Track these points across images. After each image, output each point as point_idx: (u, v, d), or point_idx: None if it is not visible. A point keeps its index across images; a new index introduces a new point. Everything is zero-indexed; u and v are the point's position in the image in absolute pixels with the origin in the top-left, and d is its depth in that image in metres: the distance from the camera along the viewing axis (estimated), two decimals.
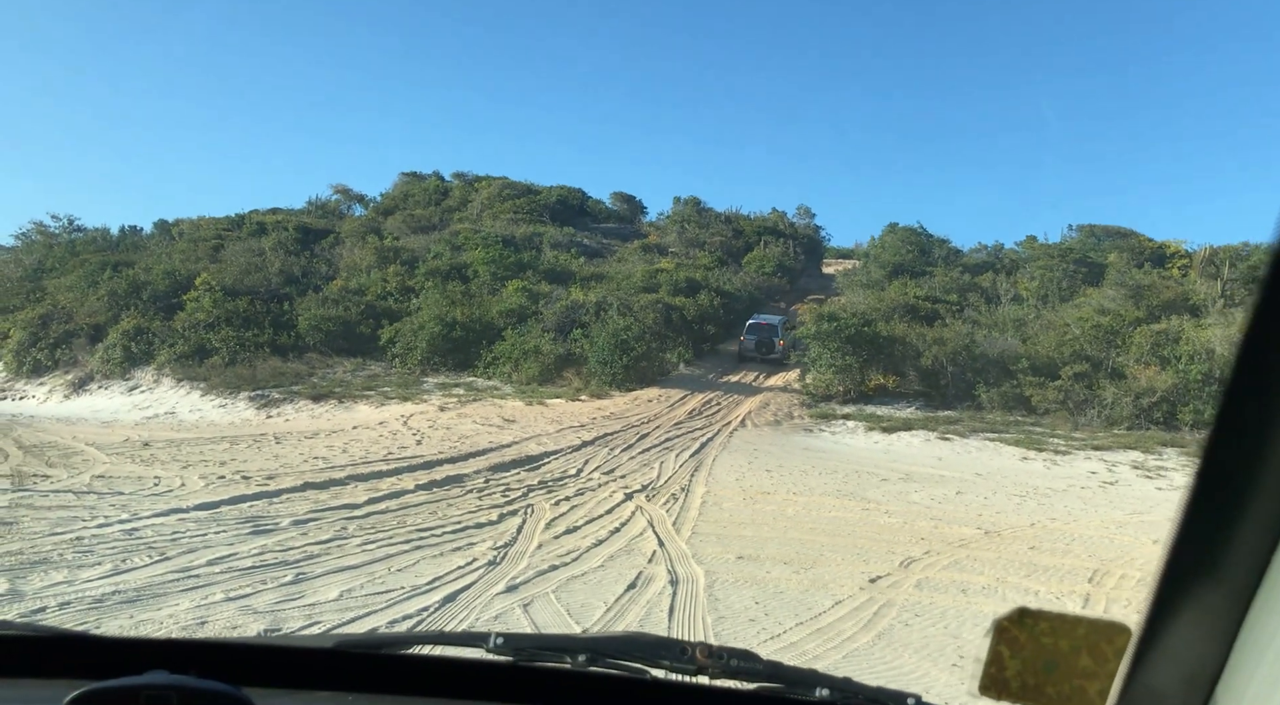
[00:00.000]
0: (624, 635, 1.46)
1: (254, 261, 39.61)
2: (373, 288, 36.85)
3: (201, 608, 6.98)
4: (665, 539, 10.68)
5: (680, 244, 48.46)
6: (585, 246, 47.34)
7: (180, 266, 39.63)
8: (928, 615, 7.79)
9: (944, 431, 23.27)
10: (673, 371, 30.99)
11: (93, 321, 36.09)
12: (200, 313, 34.31)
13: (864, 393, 27.48)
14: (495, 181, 57.69)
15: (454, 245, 42.58)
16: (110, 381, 32.74)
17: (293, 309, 35.18)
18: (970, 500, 14.97)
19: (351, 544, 9.76)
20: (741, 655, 1.36)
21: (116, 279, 38.04)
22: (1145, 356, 26.37)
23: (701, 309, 35.30)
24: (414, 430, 22.39)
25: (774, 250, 47.80)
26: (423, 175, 62.74)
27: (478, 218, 51.02)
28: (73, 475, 14.70)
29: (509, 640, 1.37)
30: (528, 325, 32.32)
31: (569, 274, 39.46)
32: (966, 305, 35.16)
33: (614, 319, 31.21)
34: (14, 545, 8.98)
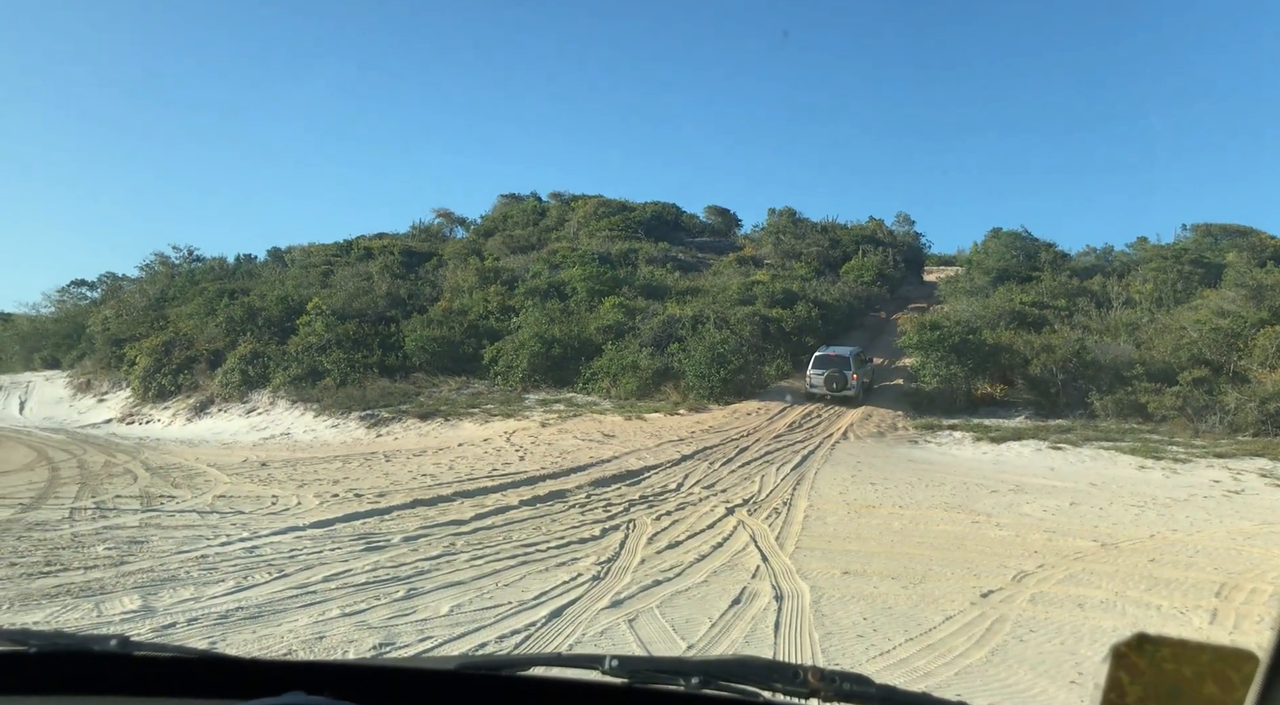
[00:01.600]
0: (736, 658, 1.48)
1: (362, 285, 40.88)
2: (474, 308, 37.63)
3: (319, 623, 7.22)
4: (768, 554, 10.61)
5: (776, 255, 48.17)
6: (680, 261, 47.44)
7: (293, 292, 41.17)
8: (1043, 631, 7.55)
9: (1056, 441, 22.53)
10: (771, 384, 30.77)
11: (212, 347, 37.76)
12: (312, 336, 35.57)
13: (972, 402, 26.82)
14: (591, 200, 58.34)
15: (552, 264, 43.20)
16: (229, 404, 34.17)
17: (399, 330, 36.18)
18: (1085, 511, 14.46)
19: (460, 559, 9.97)
20: (855, 679, 1.36)
21: (233, 306, 39.75)
22: (1270, 359, 25.09)
23: (799, 320, 34.99)
24: (517, 446, 22.74)
25: (872, 259, 47.10)
26: (521, 196, 63.90)
27: (574, 236, 51.67)
28: (196, 495, 15.38)
29: (624, 662, 1.41)
30: (625, 341, 32.55)
31: (665, 289, 39.61)
32: (1076, 310, 34.01)
33: (710, 332, 31.20)
34: (145, 563, 9.45)
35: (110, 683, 1.42)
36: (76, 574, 8.83)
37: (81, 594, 7.99)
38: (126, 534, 11.31)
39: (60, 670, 1.43)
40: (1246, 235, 43.30)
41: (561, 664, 1.54)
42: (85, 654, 1.46)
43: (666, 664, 1.52)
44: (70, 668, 1.44)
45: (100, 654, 1.43)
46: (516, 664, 1.50)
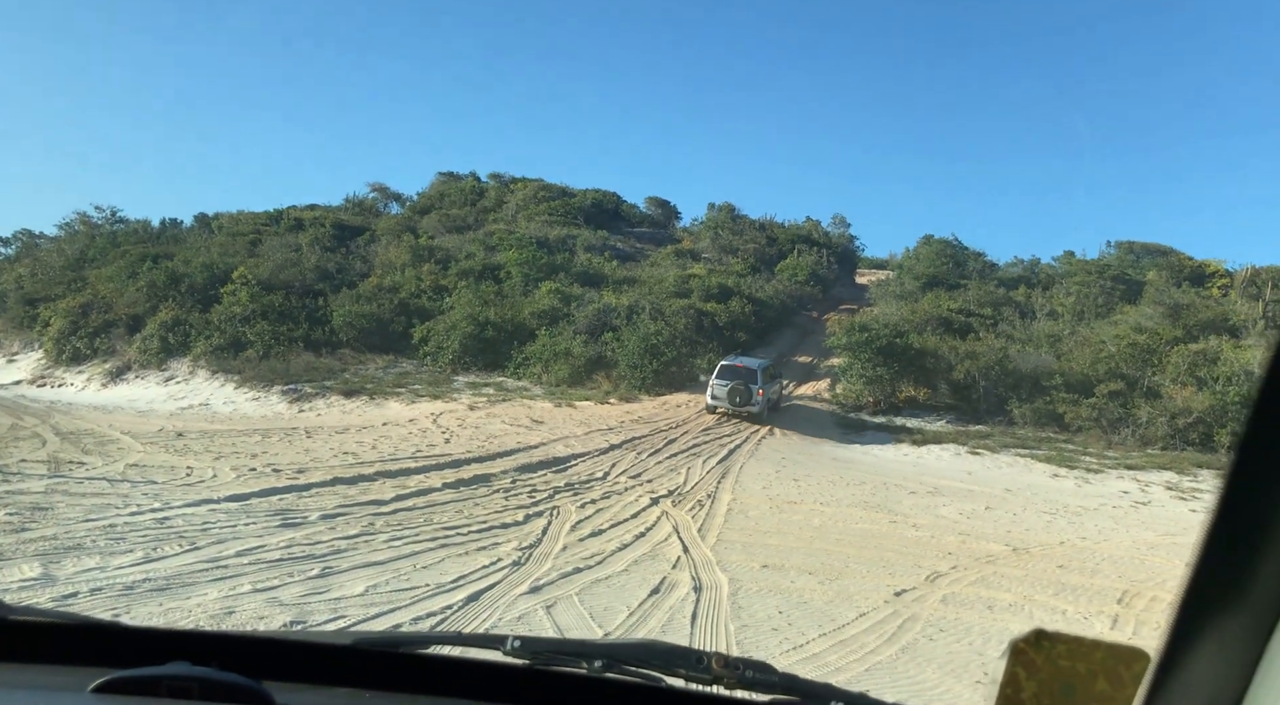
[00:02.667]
0: (641, 642, 1.47)
1: (290, 257, 40.03)
2: (406, 286, 37.12)
3: (229, 598, 7.06)
4: (690, 545, 10.67)
5: (714, 250, 48.42)
6: (619, 250, 47.42)
7: (218, 260, 40.14)
8: (953, 631, 7.72)
9: (975, 446, 23.07)
10: (702, 377, 30.93)
11: (131, 312, 36.63)
12: (236, 306, 34.72)
13: (895, 404, 27.30)
14: (531, 183, 57.96)
15: (488, 246, 42.82)
16: (147, 372, 33.21)
17: (327, 305, 35.53)
18: (999, 516, 14.83)
19: (378, 540, 9.83)
20: (757, 666, 1.35)
21: (156, 271, 38.60)
22: (1182, 376, 26.00)
23: (733, 315, 35.24)
24: (443, 428, 22.51)
25: (807, 259, 47.62)
26: (459, 175, 63.17)
27: (513, 219, 51.28)
28: (108, 463, 14.92)
29: (526, 643, 1.38)
30: (559, 327, 32.42)
31: (602, 277, 39.54)
32: (1001, 319, 34.83)
33: (645, 323, 31.26)
34: (49, 530, 9.13)
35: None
36: None
37: None
38: (30, 500, 10.91)
39: None
40: (1167, 255, 44.77)
41: (463, 643, 1.50)
42: None
43: (570, 646, 1.49)
44: None
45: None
46: (416, 641, 1.46)
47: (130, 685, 1.15)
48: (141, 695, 1.15)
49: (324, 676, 1.35)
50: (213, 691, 1.15)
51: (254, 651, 1.42)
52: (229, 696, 1.15)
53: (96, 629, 1.48)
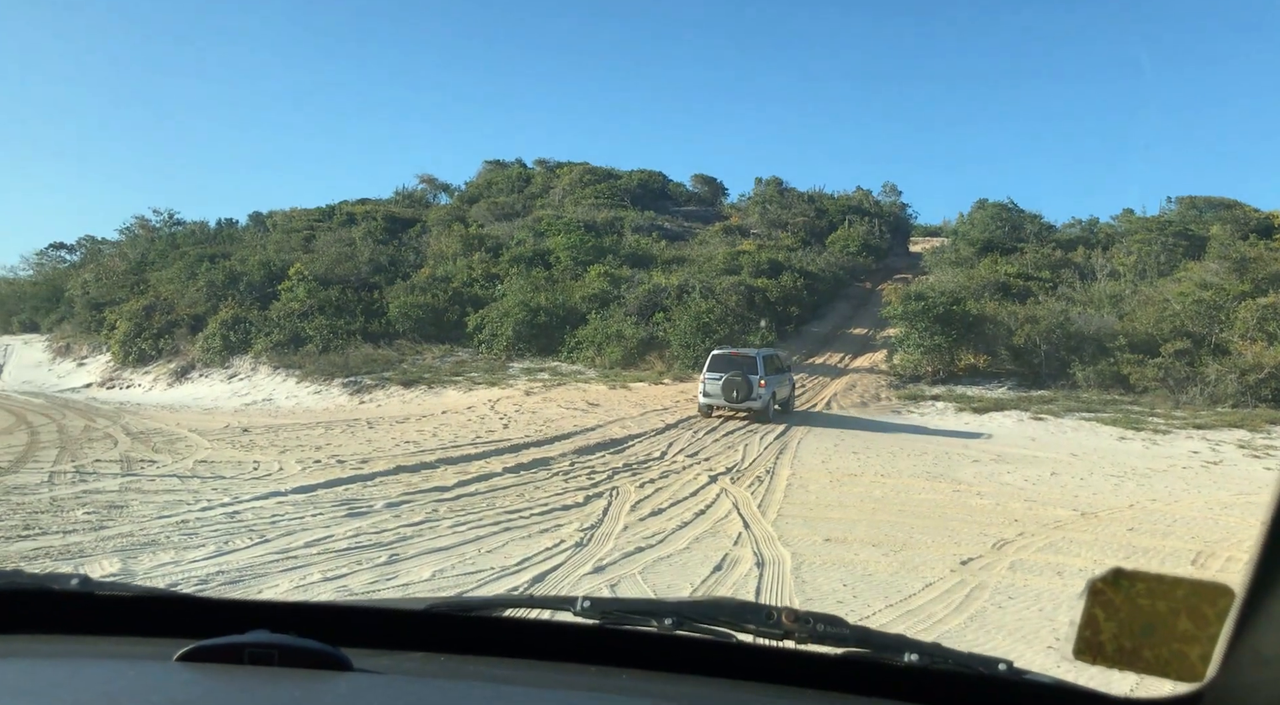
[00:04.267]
0: (709, 600, 1.47)
1: (344, 251, 40.63)
2: (459, 275, 37.45)
3: (300, 588, 7.20)
4: (750, 521, 10.65)
5: (762, 225, 48.08)
6: (666, 230, 47.31)
7: (274, 257, 40.88)
8: (1021, 598, 7.61)
9: (1037, 411, 22.69)
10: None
11: (193, 312, 37.50)
12: (294, 302, 35.36)
13: (954, 373, 26.94)
14: (576, 167, 58.01)
15: (537, 232, 43.00)
16: (210, 370, 33.99)
17: (383, 297, 36.01)
18: (1065, 481, 14.58)
19: (443, 526, 9.95)
20: (828, 620, 1.34)
21: (214, 270, 39.45)
22: (1251, 332, 25.28)
23: (785, 290, 35.01)
24: (501, 414, 22.72)
25: (858, 229, 47.08)
26: (505, 163, 63.48)
27: (560, 204, 51.40)
28: (177, 460, 15.29)
29: (596, 604, 1.39)
30: (610, 310, 32.49)
31: (650, 258, 39.51)
32: (1060, 282, 34.14)
33: (696, 302, 31.19)
34: (125, 528, 9.39)
35: (72, 622, 1.40)
36: (55, 538, 8.77)
37: (60, 557, 7.94)
38: (106, 498, 11.23)
39: (20, 609, 1.40)
40: (1231, 208, 43.46)
41: (534, 605, 1.52)
42: (45, 592, 1.43)
43: (639, 605, 1.50)
44: (31, 607, 1.41)
45: (60, 593, 1.40)
46: (488, 605, 1.48)
47: (213, 653, 1.18)
48: (224, 662, 1.18)
49: (399, 641, 1.37)
50: (293, 657, 1.18)
51: (330, 619, 1.45)
52: (308, 662, 1.18)
53: (179, 601, 1.52)
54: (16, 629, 1.37)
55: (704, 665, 1.35)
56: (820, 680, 1.33)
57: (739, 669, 1.35)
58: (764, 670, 1.36)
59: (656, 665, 1.35)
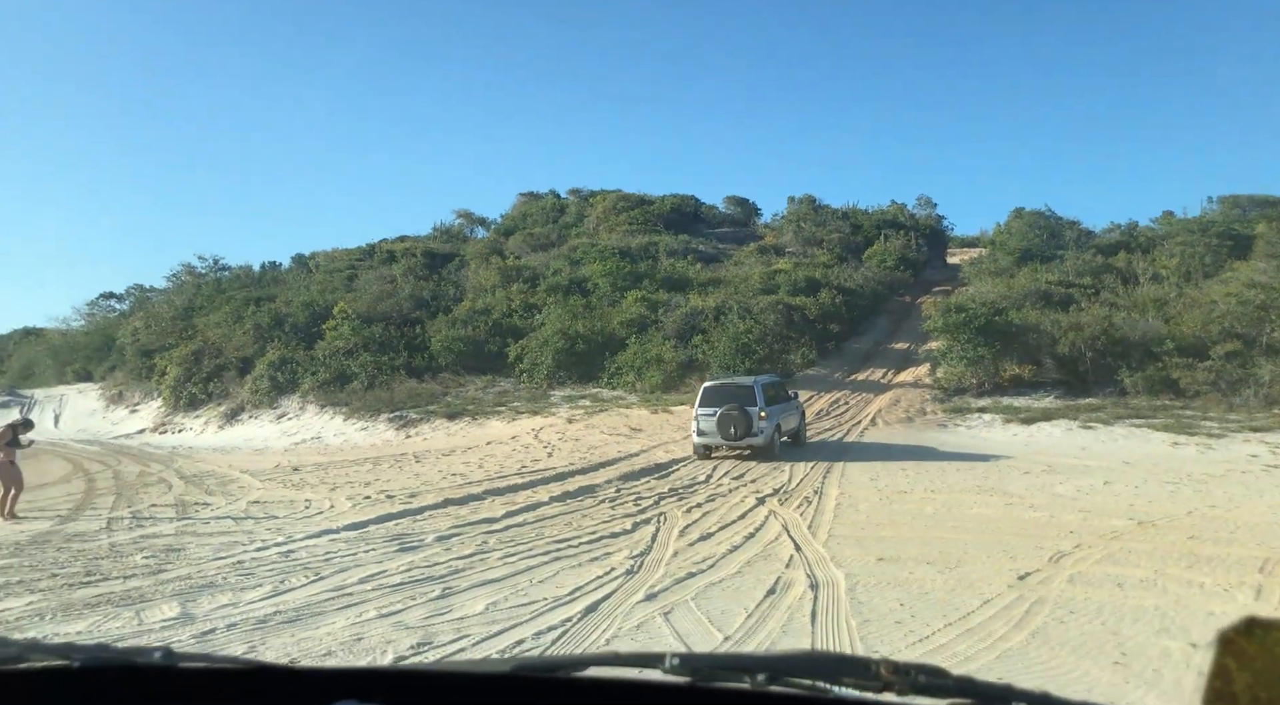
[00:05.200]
0: (803, 653, 1.44)
1: (386, 288, 41.11)
2: (498, 306, 37.75)
3: (357, 625, 7.26)
4: (801, 543, 10.58)
5: (797, 243, 47.98)
6: (701, 253, 47.37)
7: (318, 297, 41.48)
8: (1083, 612, 7.48)
9: (1086, 420, 22.32)
10: (797, 372, 30.67)
11: (240, 354, 38.13)
12: (339, 340, 35.83)
13: (999, 384, 26.61)
14: (609, 195, 58.35)
15: (572, 260, 43.25)
16: (259, 411, 34.47)
17: (424, 332, 36.38)
18: (1119, 490, 14.32)
19: (493, 557, 10.00)
20: (930, 671, 1.31)
21: (260, 313, 40.11)
22: None
23: (823, 307, 34.87)
24: (545, 443, 22.80)
25: (895, 243, 46.82)
26: (539, 194, 64.04)
27: (594, 231, 51.72)
28: (230, 502, 15.52)
29: (685, 660, 1.37)
30: (648, 334, 32.53)
31: (686, 281, 39.55)
32: (1102, 288, 33.63)
33: (734, 323, 31.14)
34: (183, 570, 9.55)
35: (155, 695, 1.42)
36: (116, 583, 8.93)
37: (122, 603, 8.08)
38: (163, 542, 11.43)
39: (105, 684, 1.43)
40: (1276, 205, 42.66)
41: (620, 664, 1.50)
42: (129, 667, 1.45)
43: (729, 661, 1.47)
44: (115, 681, 1.44)
45: (144, 666, 1.43)
46: (573, 665, 1.47)
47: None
48: None
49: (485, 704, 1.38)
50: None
51: (413, 684, 1.46)
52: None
53: (263, 672, 1.53)
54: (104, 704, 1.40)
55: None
56: None
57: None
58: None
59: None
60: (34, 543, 11.47)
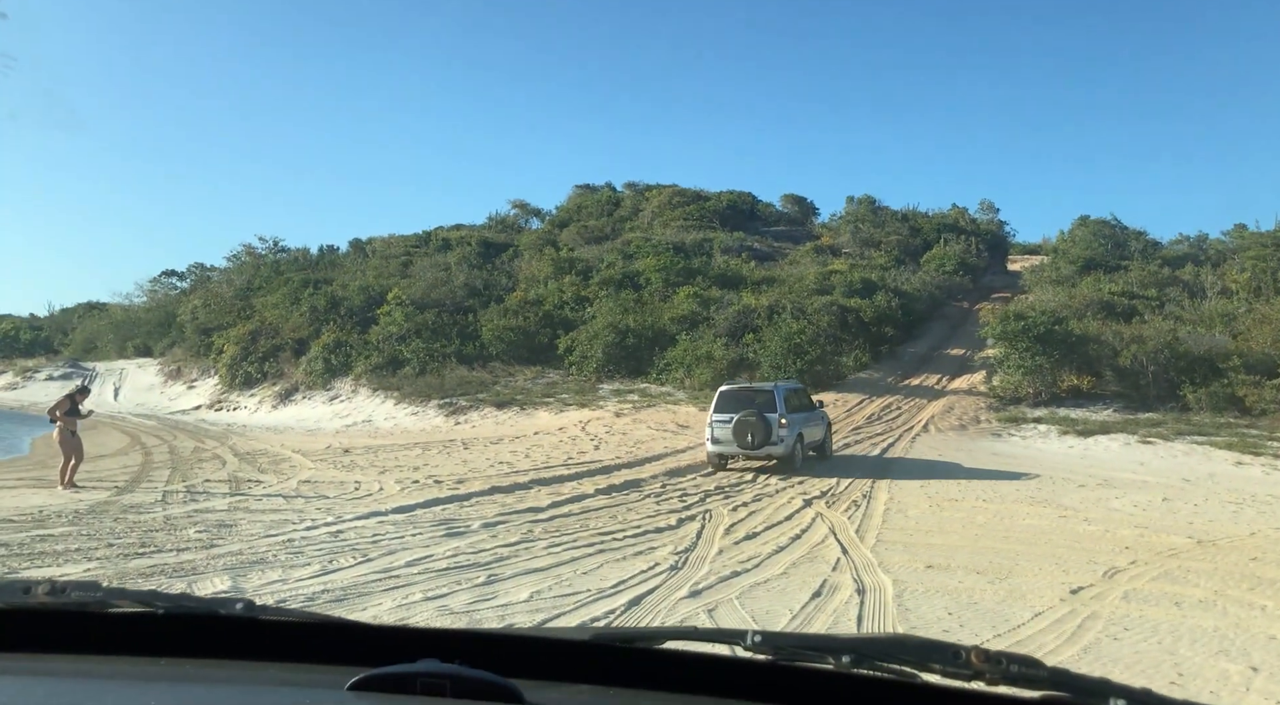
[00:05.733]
0: (890, 636, 1.39)
1: (440, 276, 41.47)
2: (550, 298, 37.88)
3: (402, 607, 7.31)
4: (848, 546, 10.45)
5: (854, 244, 47.50)
6: (756, 250, 47.10)
7: (373, 282, 41.98)
8: (1138, 629, 7.28)
9: (1145, 435, 21.81)
10: (849, 375, 30.38)
11: (296, 336, 38.72)
12: (393, 325, 36.23)
13: (1056, 394, 26.11)
14: (665, 189, 58.24)
15: (626, 254, 43.26)
16: (313, 392, 35.00)
17: (476, 320, 36.64)
18: (1179, 507, 13.96)
19: (538, 547, 10.02)
20: (1023, 661, 1.26)
21: (316, 296, 40.69)
22: None
23: (878, 310, 34.47)
24: (592, 436, 22.84)
25: (955, 248, 46.15)
26: (595, 187, 64.13)
27: (649, 226, 51.65)
28: (282, 480, 15.76)
29: (768, 638, 1.33)
30: (699, 331, 32.42)
31: (740, 279, 39.35)
32: (1167, 300, 32.83)
33: (787, 322, 30.91)
34: (234, 546, 9.69)
35: (235, 647, 1.42)
36: (170, 555, 9.09)
37: (175, 574, 8.22)
38: (216, 517, 11.62)
39: (185, 633, 1.43)
40: None
41: (700, 638, 1.46)
42: (211, 617, 1.46)
43: (814, 641, 1.43)
44: (195, 631, 1.44)
45: (226, 617, 1.43)
46: (652, 636, 1.44)
47: (385, 682, 1.18)
48: (396, 693, 1.18)
49: (564, 673, 1.35)
50: (465, 688, 1.17)
51: (495, 647, 1.44)
52: (481, 693, 1.17)
53: (343, 628, 1.53)
54: (185, 652, 1.40)
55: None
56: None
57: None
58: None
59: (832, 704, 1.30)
60: (92, 512, 11.73)
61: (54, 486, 14.22)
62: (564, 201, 62.85)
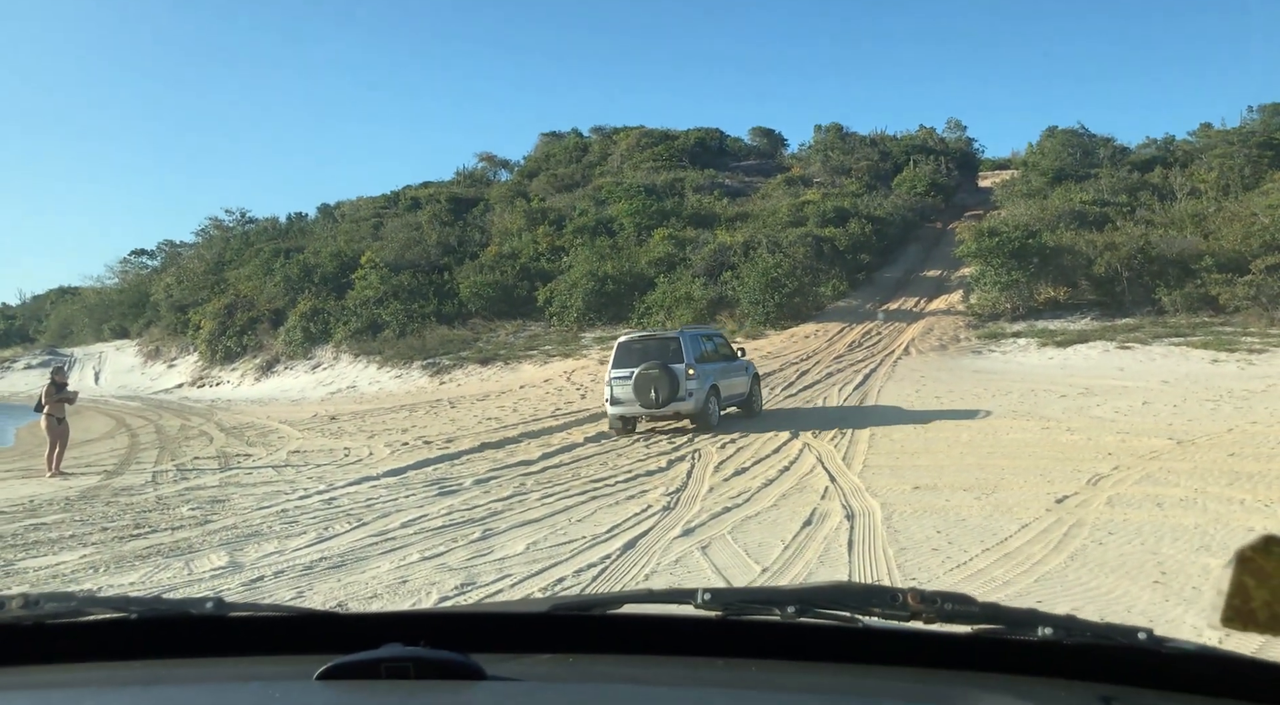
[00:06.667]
0: (831, 585, 1.45)
1: (412, 236, 41.14)
2: (525, 250, 37.69)
3: (401, 568, 7.39)
4: (836, 474, 10.60)
5: (825, 173, 47.30)
6: (728, 187, 46.85)
7: (345, 247, 41.62)
8: (1122, 533, 7.45)
9: (1123, 340, 22.08)
10: (828, 305, 30.50)
11: (272, 307, 38.48)
12: (369, 289, 36.02)
13: (1034, 308, 26.32)
14: (632, 131, 57.64)
15: (598, 200, 42.97)
16: (294, 362, 34.89)
17: (453, 278, 36.45)
18: (1158, 410, 14.19)
19: (531, 498, 10.11)
20: (956, 598, 1.32)
21: (289, 265, 40.35)
22: None
23: (853, 238, 34.48)
24: (577, 385, 22.92)
25: (925, 169, 46.06)
26: (562, 134, 63.33)
27: (618, 170, 51.23)
28: (271, 452, 15.78)
29: (716, 596, 1.39)
30: (677, 273, 32.40)
31: (713, 217, 39.22)
32: (1138, 205, 32.98)
33: (763, 258, 30.90)
34: (228, 520, 9.74)
35: (208, 645, 1.46)
36: (165, 535, 9.13)
37: (171, 553, 8.27)
38: (208, 494, 11.66)
39: (161, 634, 1.47)
40: None
41: (653, 600, 1.52)
42: (183, 617, 1.49)
43: (760, 594, 1.49)
44: (170, 631, 1.48)
45: (197, 617, 1.47)
46: (608, 602, 1.49)
47: (351, 670, 1.22)
48: (362, 678, 1.22)
49: (524, 645, 1.40)
50: (428, 669, 1.22)
51: (456, 626, 1.48)
52: (444, 672, 1.21)
53: (309, 618, 1.57)
54: (160, 654, 1.44)
55: (830, 652, 1.35)
56: (951, 660, 1.32)
57: (867, 653, 1.35)
58: (893, 653, 1.35)
59: (781, 654, 1.35)
60: (83, 498, 11.74)
61: (42, 475, 14.20)
62: (531, 151, 62.16)
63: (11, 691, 1.29)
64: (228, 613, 1.47)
